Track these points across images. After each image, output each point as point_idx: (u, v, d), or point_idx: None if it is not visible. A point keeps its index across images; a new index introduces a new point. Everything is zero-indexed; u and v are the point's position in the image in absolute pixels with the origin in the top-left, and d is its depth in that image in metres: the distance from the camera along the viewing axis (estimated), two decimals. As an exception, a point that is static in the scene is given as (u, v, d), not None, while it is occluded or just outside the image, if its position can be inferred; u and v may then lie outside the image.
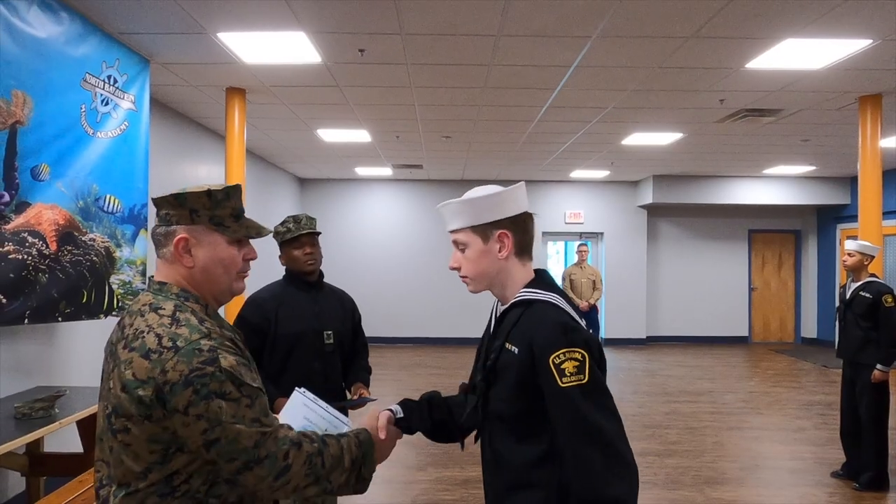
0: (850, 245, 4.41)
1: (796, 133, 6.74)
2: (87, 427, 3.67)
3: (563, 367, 1.30)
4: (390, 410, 1.59)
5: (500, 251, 1.46)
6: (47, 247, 3.33)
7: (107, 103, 3.85)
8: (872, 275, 4.40)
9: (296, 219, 2.61)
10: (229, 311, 4.74)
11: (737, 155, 8.18)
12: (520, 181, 1.54)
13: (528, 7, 3.50)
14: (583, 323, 1.43)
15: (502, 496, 1.44)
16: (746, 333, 11.31)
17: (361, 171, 9.97)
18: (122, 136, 4.02)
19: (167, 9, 3.56)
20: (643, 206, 10.88)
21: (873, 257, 4.39)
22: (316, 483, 1.33)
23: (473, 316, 10.36)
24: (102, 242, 3.84)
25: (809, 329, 11.22)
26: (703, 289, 11.22)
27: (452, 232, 1.50)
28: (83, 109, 3.62)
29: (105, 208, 3.87)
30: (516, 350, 1.39)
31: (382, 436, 1.49)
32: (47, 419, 3.00)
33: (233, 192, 1.37)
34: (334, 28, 3.85)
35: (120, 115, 4.00)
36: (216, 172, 6.85)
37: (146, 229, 4.28)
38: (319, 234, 2.65)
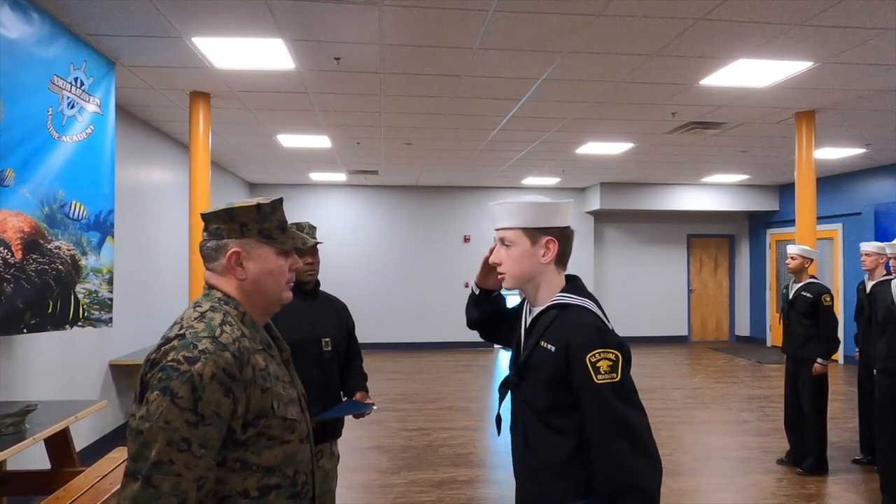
0: (792, 249, 4.79)
1: (736, 144, 7.21)
2: (56, 443, 3.50)
3: (598, 365, 1.42)
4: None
5: (543, 256, 1.57)
6: (12, 255, 3.18)
7: (73, 106, 3.71)
8: (812, 276, 4.79)
9: (299, 227, 2.59)
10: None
11: (680, 164, 8.65)
12: (472, 187, 1.66)
13: (511, 22, 3.64)
14: (611, 326, 1.55)
15: (532, 483, 1.54)
16: (686, 333, 11.91)
17: (315, 176, 9.88)
18: (87, 141, 3.88)
19: (143, 12, 3.48)
20: (590, 212, 11.29)
21: (812, 260, 4.78)
22: None
23: (427, 321, 10.45)
24: (68, 250, 3.69)
25: (743, 327, 11.94)
26: (646, 291, 11.73)
27: (500, 230, 1.60)
28: (50, 113, 3.48)
29: (70, 215, 3.72)
30: (553, 348, 1.50)
31: None
32: (18, 436, 2.87)
33: (278, 206, 1.42)
34: (315, 37, 3.86)
35: (85, 118, 3.86)
36: (170, 177, 6.65)
37: (112, 236, 4.14)
38: (321, 243, 2.67)
